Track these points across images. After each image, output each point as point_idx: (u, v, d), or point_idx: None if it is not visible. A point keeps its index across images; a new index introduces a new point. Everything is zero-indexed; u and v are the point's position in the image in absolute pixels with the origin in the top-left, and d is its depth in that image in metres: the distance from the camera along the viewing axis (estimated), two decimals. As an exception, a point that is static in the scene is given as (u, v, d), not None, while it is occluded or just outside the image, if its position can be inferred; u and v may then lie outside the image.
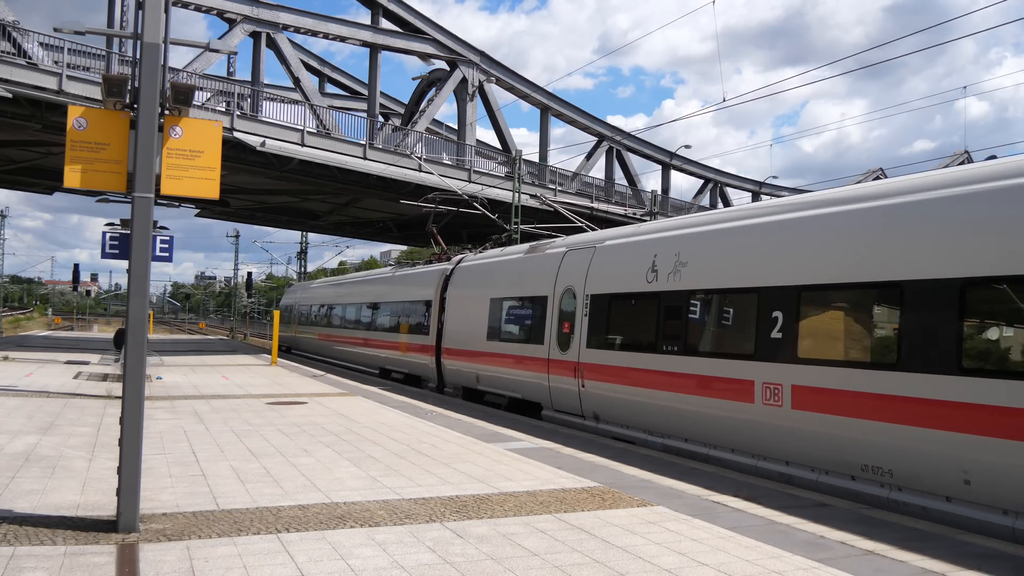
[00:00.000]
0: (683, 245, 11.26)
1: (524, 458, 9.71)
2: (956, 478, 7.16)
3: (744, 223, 10.42)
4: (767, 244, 9.81)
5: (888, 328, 8.15)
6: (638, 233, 13.04)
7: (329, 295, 34.00)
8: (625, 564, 5.62)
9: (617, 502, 7.52)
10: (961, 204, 7.54)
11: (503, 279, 17.26)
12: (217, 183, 6.57)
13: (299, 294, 40.50)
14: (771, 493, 8.21)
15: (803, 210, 9.58)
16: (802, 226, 9.42)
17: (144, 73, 6.11)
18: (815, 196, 10.03)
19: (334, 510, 6.85)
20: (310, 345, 34.49)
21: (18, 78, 22.72)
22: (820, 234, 9.10)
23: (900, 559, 5.89)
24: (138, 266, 6.11)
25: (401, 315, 23.63)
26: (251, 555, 5.52)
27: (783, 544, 6.24)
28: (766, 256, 9.71)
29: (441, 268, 21.43)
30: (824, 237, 9.02)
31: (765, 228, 9.98)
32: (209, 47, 8.27)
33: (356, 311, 28.77)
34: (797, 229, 9.49)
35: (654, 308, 11.46)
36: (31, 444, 9.47)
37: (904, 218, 8.09)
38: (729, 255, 10.35)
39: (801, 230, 9.41)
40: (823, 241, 9.02)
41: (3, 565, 5.08)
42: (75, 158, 6.16)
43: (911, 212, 8.02)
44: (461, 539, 6.10)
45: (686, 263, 11.00)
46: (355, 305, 29.07)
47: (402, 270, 26.59)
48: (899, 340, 7.79)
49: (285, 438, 10.65)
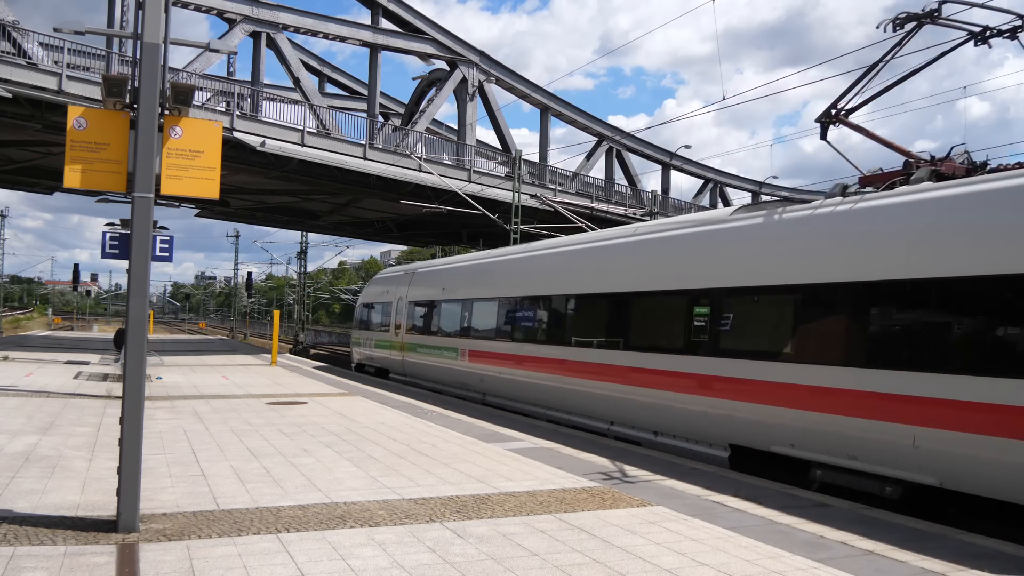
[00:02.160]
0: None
1: (524, 458, 9.71)
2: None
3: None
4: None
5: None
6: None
7: (524, 274, 16.64)
8: (625, 564, 5.62)
9: (617, 502, 7.53)
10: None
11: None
12: (217, 183, 6.57)
13: (405, 287, 22.65)
14: (771, 493, 8.21)
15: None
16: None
17: (144, 73, 6.11)
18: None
19: (334, 510, 6.85)
20: (434, 371, 19.92)
21: (18, 78, 22.71)
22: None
23: (900, 559, 5.90)
24: (138, 266, 6.11)
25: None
26: (251, 555, 5.52)
27: (783, 544, 6.24)
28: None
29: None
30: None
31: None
32: (209, 47, 8.27)
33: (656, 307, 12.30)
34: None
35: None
36: (31, 444, 9.47)
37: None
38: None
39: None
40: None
41: (3, 565, 5.07)
42: (75, 158, 6.16)
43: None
44: (461, 539, 6.10)
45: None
46: (652, 299, 12.32)
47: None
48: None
49: (285, 438, 10.65)
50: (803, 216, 9.55)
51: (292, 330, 54.99)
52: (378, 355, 24.42)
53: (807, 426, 8.70)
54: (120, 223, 8.60)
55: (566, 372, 13.67)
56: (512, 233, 29.78)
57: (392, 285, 23.98)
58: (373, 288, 26.37)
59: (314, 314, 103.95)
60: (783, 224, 9.83)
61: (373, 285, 26.77)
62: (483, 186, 32.49)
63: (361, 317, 26.76)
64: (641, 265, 12.45)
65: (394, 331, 22.85)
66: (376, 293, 25.53)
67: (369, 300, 26.09)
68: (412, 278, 22.45)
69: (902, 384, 7.66)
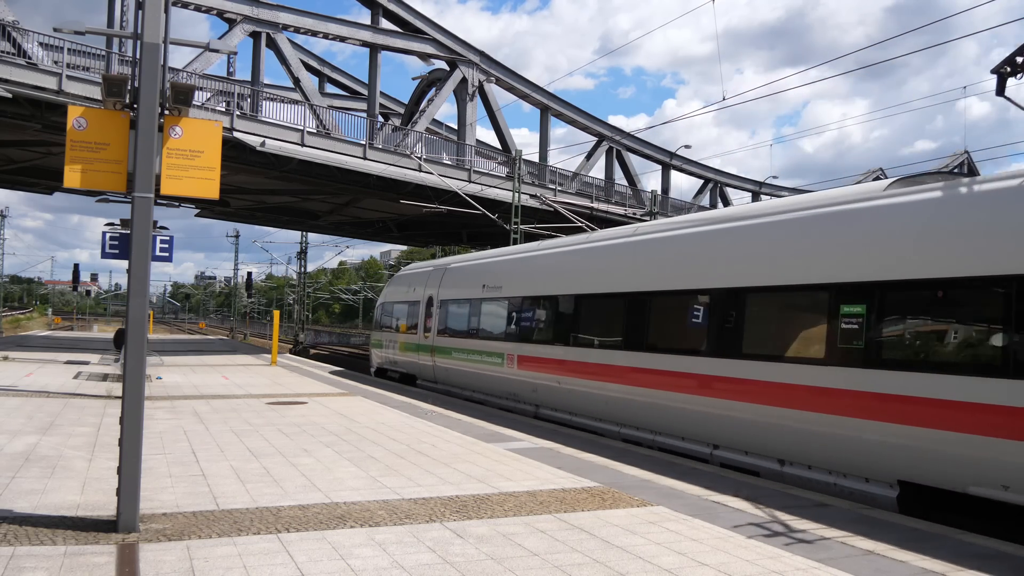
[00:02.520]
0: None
1: (524, 458, 9.71)
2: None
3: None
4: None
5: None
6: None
7: (607, 268, 13.74)
8: (625, 564, 5.62)
9: (617, 502, 7.53)
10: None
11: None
12: (217, 183, 6.57)
13: (436, 284, 20.32)
14: (771, 493, 8.21)
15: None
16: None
17: (144, 73, 6.11)
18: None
19: (334, 510, 6.85)
20: (473, 378, 17.58)
21: (18, 78, 22.72)
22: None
23: (900, 559, 5.90)
24: (138, 266, 6.11)
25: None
26: (251, 555, 5.52)
27: (783, 544, 6.24)
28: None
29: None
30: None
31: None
32: (209, 47, 8.27)
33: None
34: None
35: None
36: (31, 444, 9.47)
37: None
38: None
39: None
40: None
41: (3, 565, 5.07)
42: (75, 158, 6.16)
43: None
44: (461, 539, 6.10)
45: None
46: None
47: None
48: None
49: (285, 438, 10.65)
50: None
51: (292, 330, 54.99)
52: (403, 359, 21.76)
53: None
54: (120, 223, 8.60)
55: (657, 385, 11.13)
56: (512, 233, 29.78)
57: (419, 283, 21.29)
58: (396, 287, 23.60)
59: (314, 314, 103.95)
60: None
61: (396, 284, 23.90)
62: (483, 186, 32.49)
63: (382, 318, 24.02)
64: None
65: (423, 333, 20.18)
66: (400, 292, 22.75)
67: (392, 299, 23.39)
68: (444, 274, 19.96)
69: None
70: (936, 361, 7.51)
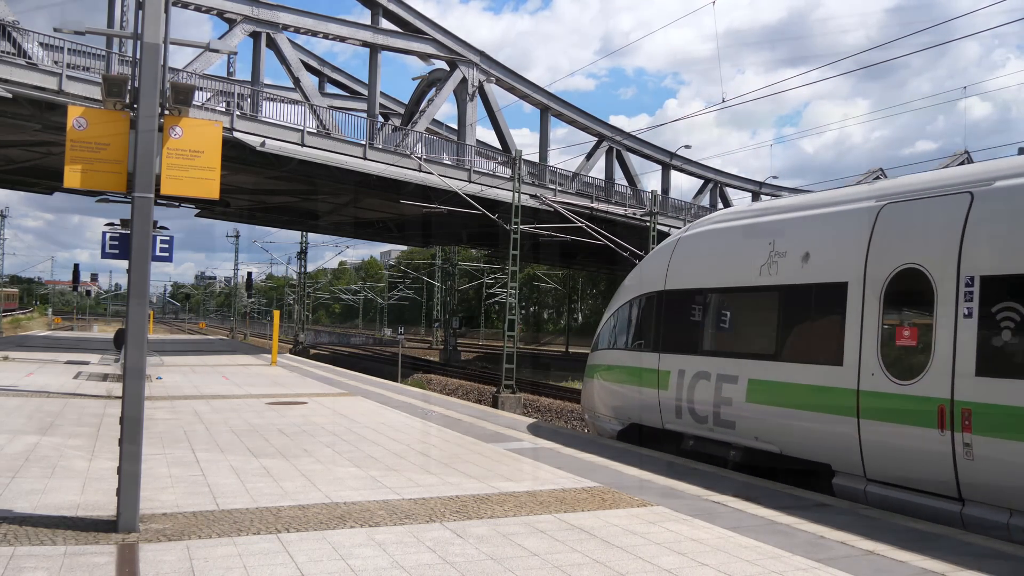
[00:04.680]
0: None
1: (524, 458, 9.71)
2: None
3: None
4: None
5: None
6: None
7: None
8: (625, 564, 5.62)
9: (617, 502, 7.52)
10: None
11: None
12: (217, 183, 6.56)
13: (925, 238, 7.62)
14: (771, 493, 8.21)
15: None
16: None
17: (144, 73, 6.11)
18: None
19: (334, 510, 6.85)
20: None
21: (18, 78, 22.73)
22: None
23: (900, 559, 5.89)
24: (138, 266, 6.11)
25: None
26: (251, 555, 5.51)
27: (783, 544, 6.23)
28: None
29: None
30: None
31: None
32: (209, 47, 8.28)
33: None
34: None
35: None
36: (31, 444, 9.46)
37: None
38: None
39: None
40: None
41: (3, 565, 5.07)
42: (75, 158, 6.16)
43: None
44: (461, 539, 6.10)
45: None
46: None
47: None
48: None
49: (285, 438, 10.64)
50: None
51: (292, 330, 55.01)
52: (773, 422, 8.99)
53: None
54: (120, 223, 8.62)
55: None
56: (512, 233, 29.78)
57: (831, 237, 8.77)
58: (725, 240, 10.58)
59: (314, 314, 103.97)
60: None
61: (700, 241, 11.17)
62: (483, 186, 32.49)
63: (663, 324, 11.19)
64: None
65: (861, 363, 7.97)
66: (742, 258, 9.81)
67: (693, 280, 10.87)
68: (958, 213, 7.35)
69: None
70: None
